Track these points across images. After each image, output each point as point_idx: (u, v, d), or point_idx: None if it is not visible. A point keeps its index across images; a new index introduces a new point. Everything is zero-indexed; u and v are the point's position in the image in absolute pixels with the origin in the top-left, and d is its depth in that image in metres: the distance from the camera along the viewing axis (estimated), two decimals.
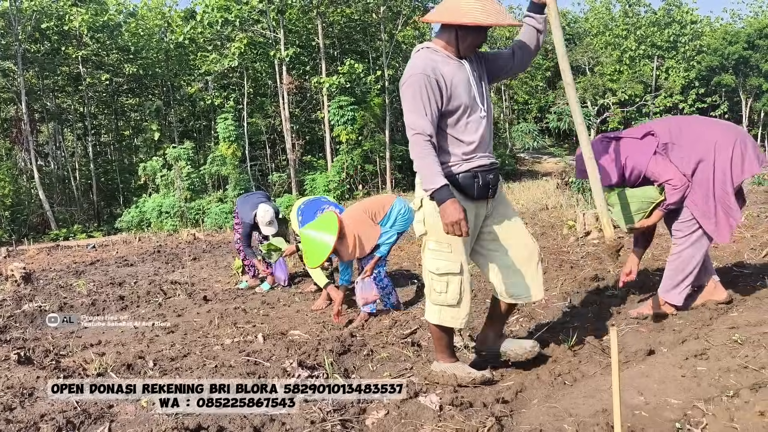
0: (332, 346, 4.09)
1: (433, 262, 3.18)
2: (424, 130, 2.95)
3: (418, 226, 3.25)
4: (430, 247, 3.19)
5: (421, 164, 2.97)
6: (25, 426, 3.00)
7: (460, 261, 3.15)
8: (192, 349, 4.67)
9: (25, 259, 13.54)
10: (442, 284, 3.16)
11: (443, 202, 2.91)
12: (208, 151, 29.82)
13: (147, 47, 33.04)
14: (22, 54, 28.06)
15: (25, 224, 27.07)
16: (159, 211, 24.11)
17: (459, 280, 3.15)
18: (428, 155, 2.95)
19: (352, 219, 4.99)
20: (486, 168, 3.16)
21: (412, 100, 2.99)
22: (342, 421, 2.83)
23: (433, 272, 3.18)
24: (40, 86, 31.88)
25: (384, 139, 31.17)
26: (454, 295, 3.17)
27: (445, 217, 2.90)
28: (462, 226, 2.88)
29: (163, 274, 9.41)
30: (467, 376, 3.26)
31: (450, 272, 3.14)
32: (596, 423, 2.52)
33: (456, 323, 3.23)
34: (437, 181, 2.92)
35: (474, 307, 3.37)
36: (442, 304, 3.20)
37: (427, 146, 2.96)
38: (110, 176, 35.46)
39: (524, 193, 20.80)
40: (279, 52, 28.11)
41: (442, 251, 3.14)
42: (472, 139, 3.09)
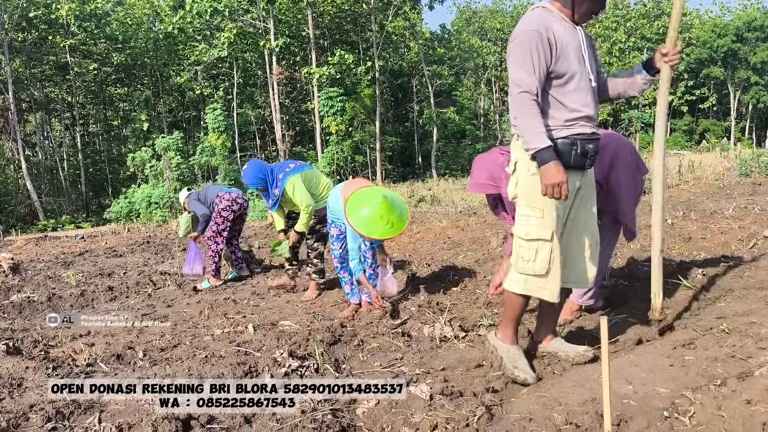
0: (323, 337, 4.09)
1: (523, 227, 3.02)
2: (530, 87, 2.85)
3: (511, 189, 3.09)
4: (521, 212, 3.04)
5: (525, 123, 2.87)
6: (14, 416, 2.99)
7: (551, 228, 2.98)
8: (182, 339, 4.66)
9: (13, 249, 13.45)
10: (531, 251, 3.00)
11: (546, 163, 2.81)
12: (198, 142, 29.71)
13: (135, 37, 32.80)
14: (9, 43, 27.76)
15: (13, 215, 26.89)
16: (148, 201, 24.00)
17: (549, 248, 2.98)
18: (533, 114, 2.85)
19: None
20: (586, 137, 3.01)
21: (522, 56, 2.88)
22: (333, 411, 2.84)
23: (521, 238, 3.03)
24: (27, 75, 31.57)
25: (374, 130, 31.16)
26: (542, 264, 3.00)
27: (547, 177, 2.81)
28: (562, 189, 2.80)
29: (153, 264, 9.38)
30: (511, 370, 3.12)
31: (540, 238, 2.98)
32: (585, 411, 2.54)
33: (543, 294, 3.06)
34: (542, 141, 2.83)
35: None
36: (528, 273, 3.03)
37: (533, 105, 2.86)
38: (99, 167, 35.26)
39: None
40: (269, 42, 27.98)
41: (533, 216, 2.99)
42: (576, 106, 2.97)
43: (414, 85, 39.39)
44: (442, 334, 3.95)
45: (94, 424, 2.84)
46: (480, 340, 3.82)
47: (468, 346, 3.74)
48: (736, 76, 45.71)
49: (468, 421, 2.63)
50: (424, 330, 4.09)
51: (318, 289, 6.08)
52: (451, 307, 4.62)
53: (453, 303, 4.74)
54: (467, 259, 6.62)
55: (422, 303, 4.78)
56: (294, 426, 2.67)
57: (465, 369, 3.37)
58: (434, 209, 14.88)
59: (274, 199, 5.94)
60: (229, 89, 31.70)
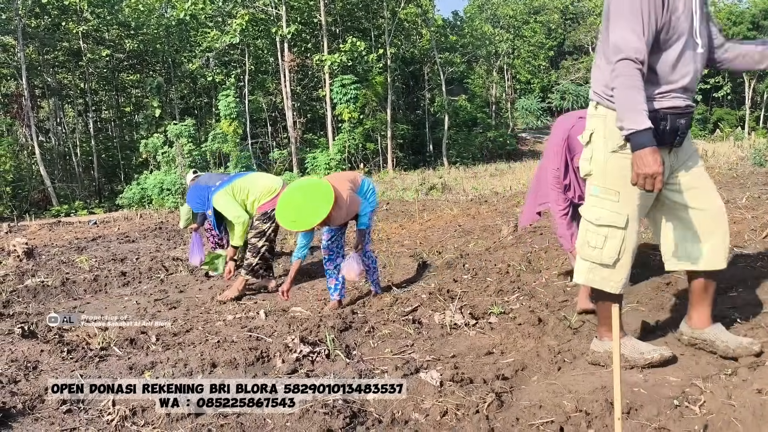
0: (334, 323, 4.11)
1: (593, 210, 2.73)
2: (637, 53, 2.43)
3: (584, 164, 2.77)
4: (593, 192, 2.73)
5: (624, 96, 2.44)
6: (29, 398, 3.03)
7: (626, 214, 2.67)
8: (194, 324, 4.71)
9: (27, 234, 13.57)
10: (599, 238, 2.71)
11: (642, 148, 2.41)
12: (209, 129, 29.78)
13: (147, 23, 32.83)
14: (23, 29, 27.86)
15: (27, 200, 27.09)
16: (160, 188, 24.11)
17: (621, 237, 2.68)
18: (635, 87, 2.43)
19: (338, 183, 4.81)
20: (679, 111, 2.61)
21: (630, 11, 2.45)
22: (343, 396, 2.86)
23: (590, 222, 2.74)
24: (41, 61, 31.71)
25: (385, 117, 31.10)
26: (611, 253, 2.71)
27: (641, 166, 2.41)
28: (657, 183, 2.40)
29: (165, 250, 9.44)
30: (641, 358, 2.81)
31: (612, 225, 2.68)
32: (595, 399, 2.55)
33: (607, 286, 2.76)
34: (641, 122, 2.41)
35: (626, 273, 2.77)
36: (594, 261, 2.75)
37: (636, 75, 2.43)
38: (111, 153, 35.44)
39: (526, 173, 20.79)
40: (280, 29, 27.94)
41: (607, 199, 2.68)
42: (676, 77, 2.58)
43: (426, 72, 39.22)
44: (452, 321, 3.96)
45: (108, 407, 2.88)
46: (490, 327, 3.84)
47: (478, 333, 3.76)
48: None
49: (478, 407, 2.64)
50: (435, 317, 4.10)
51: (241, 289, 5.80)
52: (462, 294, 4.63)
53: (464, 291, 4.75)
54: (478, 247, 6.61)
55: (433, 290, 4.79)
56: (305, 411, 2.70)
57: (475, 356, 3.38)
58: (445, 197, 14.87)
59: (212, 220, 5.90)
60: (240, 76, 31.70)
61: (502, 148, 39.65)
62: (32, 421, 2.84)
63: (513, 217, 8.38)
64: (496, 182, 18.26)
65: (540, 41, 49.27)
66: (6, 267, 8.29)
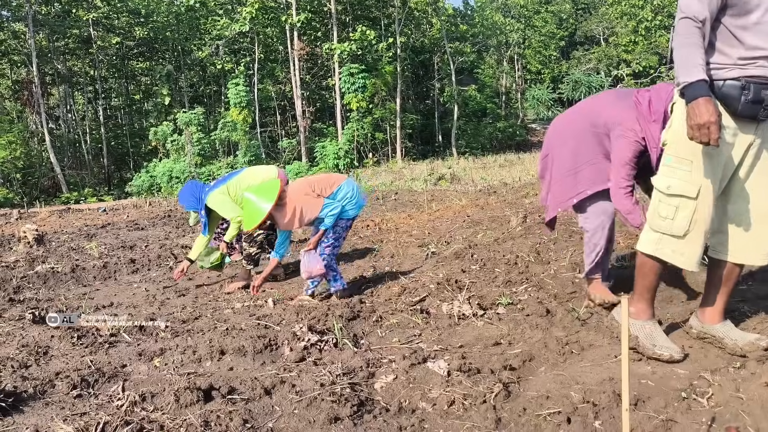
0: (342, 312, 4.13)
1: (665, 179, 2.66)
2: (696, 14, 2.44)
3: (664, 134, 2.73)
4: (666, 162, 2.67)
5: (681, 53, 2.45)
6: (41, 383, 3.06)
7: (699, 184, 2.57)
8: (203, 312, 4.74)
9: (37, 221, 13.66)
10: (670, 208, 2.63)
11: (695, 99, 2.38)
12: (219, 117, 29.81)
13: (157, 10, 32.84)
14: (33, 16, 27.91)
15: (37, 187, 27.26)
16: (169, 176, 24.19)
17: (692, 208, 2.59)
18: (692, 44, 2.43)
19: (295, 190, 4.90)
20: (763, 81, 2.48)
21: None
22: (351, 385, 2.87)
23: (661, 191, 2.67)
24: (51, 49, 31.80)
25: (395, 107, 31.02)
26: (681, 225, 2.62)
27: (693, 116, 2.37)
28: (712, 132, 2.34)
29: (174, 238, 9.48)
30: (651, 349, 2.79)
31: (683, 194, 2.59)
32: (603, 390, 2.55)
33: (677, 260, 2.67)
34: (694, 74, 2.40)
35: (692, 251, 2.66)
36: (664, 232, 2.67)
37: (695, 33, 2.44)
38: (120, 140, 35.56)
39: (535, 164, 20.70)
40: (290, 17, 27.88)
41: (680, 168, 2.60)
42: (758, 42, 2.46)
43: (435, 62, 39.04)
44: (460, 311, 3.96)
45: (117, 392, 2.90)
46: (498, 317, 3.84)
47: (486, 323, 3.76)
48: None
49: (485, 397, 2.65)
50: (443, 307, 4.10)
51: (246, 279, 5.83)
52: (470, 285, 4.63)
53: (472, 281, 4.75)
54: (486, 238, 6.61)
55: (441, 281, 4.79)
56: (313, 399, 2.71)
57: (483, 346, 3.38)
58: (454, 187, 14.84)
59: (204, 220, 5.74)
60: (250, 64, 31.67)
61: (512, 138, 39.50)
62: (43, 405, 2.86)
63: (522, 208, 8.36)
64: (505, 173, 18.22)
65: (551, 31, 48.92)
66: (17, 253, 8.35)
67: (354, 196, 4.97)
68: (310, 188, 4.88)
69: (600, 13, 47.33)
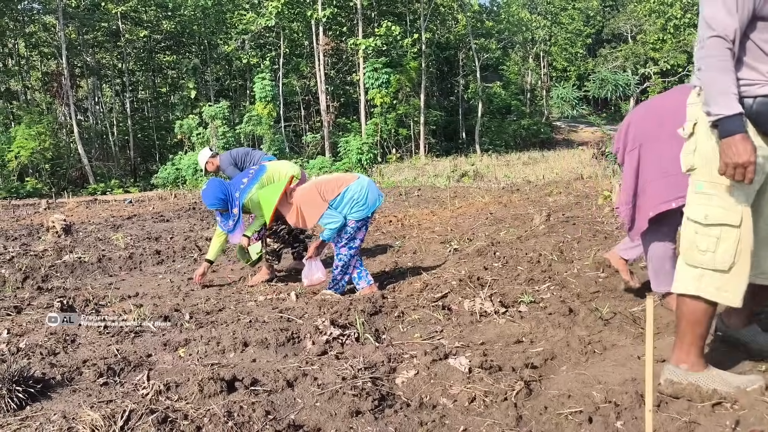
0: (364, 307, 4.14)
1: (700, 207, 2.38)
2: (727, 31, 2.19)
3: (687, 158, 2.46)
4: (699, 189, 2.40)
5: (712, 78, 2.22)
6: (68, 370, 3.12)
7: (740, 210, 2.32)
8: (226, 304, 4.79)
9: (65, 211, 13.87)
10: (710, 240, 2.35)
11: (731, 136, 2.17)
12: (243, 111, 29.98)
13: (185, 4, 33.11)
14: (63, 9, 28.31)
15: (65, 177, 27.67)
16: (194, 168, 24.40)
17: (736, 237, 2.32)
18: (725, 68, 2.20)
19: (301, 191, 4.90)
20: None
21: None
22: (372, 379, 2.89)
23: (698, 222, 2.38)
24: (80, 41, 32.24)
25: (419, 103, 30.98)
26: (726, 256, 2.33)
27: (729, 155, 2.17)
28: (748, 172, 2.16)
29: (198, 230, 9.58)
30: (739, 392, 2.42)
31: (725, 223, 2.33)
32: (625, 391, 2.54)
33: (722, 297, 2.37)
34: (730, 106, 2.17)
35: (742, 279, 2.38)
36: (705, 267, 2.37)
37: (726, 55, 2.21)
38: (147, 133, 35.94)
39: (559, 162, 20.60)
40: (316, 12, 27.94)
41: (716, 195, 2.34)
42: None
43: (460, 58, 38.90)
44: (482, 308, 3.96)
45: (143, 381, 2.95)
46: (520, 315, 3.83)
47: (508, 321, 3.75)
48: None
49: (506, 395, 2.65)
50: (465, 304, 4.10)
51: (269, 273, 5.85)
52: (492, 282, 4.63)
53: (494, 278, 4.75)
54: (509, 236, 6.59)
55: (463, 277, 4.79)
56: (335, 392, 2.73)
57: (504, 344, 3.38)
58: (477, 184, 14.81)
59: (234, 218, 5.42)
60: (275, 59, 31.81)
61: (536, 136, 39.27)
62: (70, 392, 2.92)
63: (545, 206, 8.33)
64: (529, 171, 18.13)
65: (578, 28, 48.48)
66: (45, 242, 8.49)
67: (362, 198, 4.81)
68: (317, 190, 4.83)
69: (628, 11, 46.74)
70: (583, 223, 6.60)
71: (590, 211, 7.62)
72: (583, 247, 5.42)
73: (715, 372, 2.49)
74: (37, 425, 2.51)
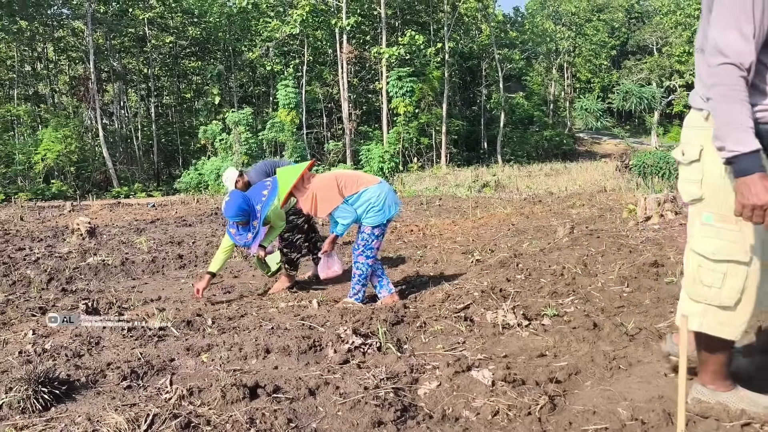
0: (386, 316, 4.13)
1: (708, 241, 2.24)
2: (741, 58, 1.98)
3: (691, 188, 2.29)
4: (706, 221, 2.26)
5: (725, 111, 2.02)
6: (92, 372, 3.14)
7: (749, 245, 2.19)
8: (248, 310, 4.80)
9: (89, 214, 14.04)
10: (716, 276, 2.23)
11: (747, 175, 1.99)
12: (266, 117, 30.20)
13: (210, 11, 33.51)
14: (92, 14, 28.75)
15: (89, 180, 28.02)
16: (217, 174, 24.60)
17: (744, 274, 2.20)
18: (739, 99, 2.00)
19: (320, 179, 4.88)
20: None
21: (738, 6, 1.98)
22: (395, 390, 2.87)
23: (705, 256, 2.25)
24: (107, 47, 32.71)
25: (441, 112, 31.01)
26: (731, 293, 2.22)
27: (747, 196, 1.99)
28: (767, 215, 1.99)
29: (220, 236, 9.62)
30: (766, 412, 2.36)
31: (733, 259, 2.20)
32: (652, 409, 2.50)
33: (723, 331, 2.28)
34: (747, 143, 1.98)
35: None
36: (709, 302, 2.27)
37: (740, 85, 2.00)
38: (170, 137, 36.33)
39: (582, 174, 20.45)
40: (340, 20, 28.10)
41: (726, 228, 2.21)
42: None
43: (483, 68, 38.89)
44: (504, 321, 3.93)
45: (165, 386, 2.96)
46: (543, 329, 3.79)
47: (531, 334, 3.72)
48: None
49: (530, 409, 2.62)
50: (487, 316, 4.07)
51: (289, 281, 5.88)
52: (515, 294, 4.59)
53: (517, 291, 4.71)
54: (532, 248, 6.54)
55: (485, 289, 4.77)
56: (357, 402, 2.72)
57: (528, 357, 3.35)
58: (498, 195, 14.75)
59: (254, 231, 5.36)
60: (299, 66, 32.02)
61: (558, 147, 39.08)
62: (95, 394, 2.94)
63: (568, 219, 8.26)
64: (551, 182, 18.03)
65: (602, 40, 48.25)
66: (70, 244, 8.60)
67: (379, 202, 4.80)
68: (335, 181, 4.82)
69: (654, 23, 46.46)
70: (608, 237, 6.54)
71: (614, 225, 7.54)
72: (607, 260, 5.36)
73: (743, 392, 2.44)
74: (62, 427, 2.52)
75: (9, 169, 27.94)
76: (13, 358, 3.43)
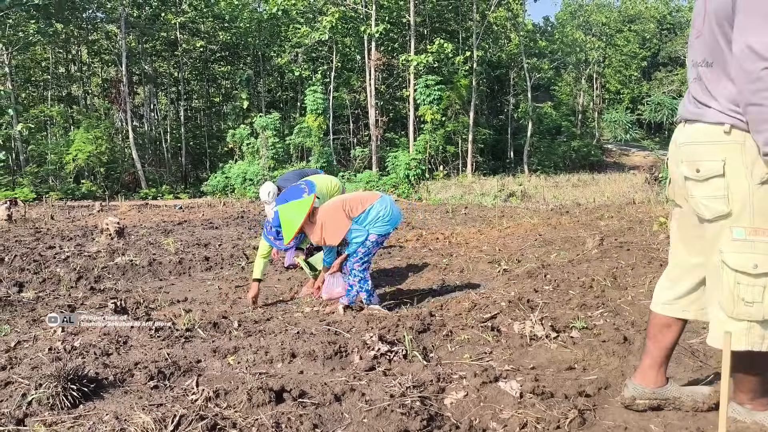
0: (412, 324, 4.10)
1: (746, 256, 2.15)
2: None
3: (716, 205, 2.20)
4: (736, 236, 2.17)
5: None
6: (120, 371, 3.16)
7: None
8: (274, 313, 4.81)
9: (118, 214, 14.21)
10: (756, 290, 2.15)
11: None
12: (293, 123, 30.37)
13: (241, 16, 33.86)
14: (126, 18, 29.20)
15: (118, 181, 28.40)
16: (243, 177, 24.78)
17: None
18: None
19: (326, 208, 4.97)
20: None
21: None
22: (421, 398, 2.84)
23: (744, 272, 2.15)
24: (139, 50, 33.18)
25: (468, 121, 30.90)
26: None
27: None
28: None
29: (246, 239, 9.68)
30: None
31: None
32: (685, 427, 2.44)
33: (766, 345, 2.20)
34: None
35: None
36: (752, 319, 2.18)
37: None
38: (199, 141, 36.70)
39: (610, 185, 20.24)
40: (369, 27, 28.19)
41: (761, 241, 2.12)
42: None
43: (511, 77, 38.72)
44: (532, 332, 3.87)
45: (192, 387, 2.97)
46: (572, 341, 3.74)
47: (560, 346, 3.66)
48: None
49: (559, 422, 2.58)
50: (514, 326, 4.02)
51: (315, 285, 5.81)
52: (543, 305, 4.54)
53: (544, 302, 4.65)
54: (560, 259, 6.47)
55: (512, 299, 4.72)
56: (383, 409, 2.70)
57: (556, 370, 3.30)
58: (524, 205, 14.65)
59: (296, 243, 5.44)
60: (327, 72, 32.17)
61: (586, 158, 38.72)
62: (122, 393, 2.95)
63: (597, 230, 8.17)
64: (579, 193, 17.86)
65: (633, 51, 47.79)
66: (98, 244, 8.70)
67: (387, 214, 4.94)
68: (341, 207, 4.92)
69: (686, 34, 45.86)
70: (638, 249, 6.44)
71: (645, 237, 7.44)
72: (637, 274, 5.28)
73: None
74: (90, 425, 2.54)
75: (41, 168, 28.46)
76: (43, 355, 3.47)
